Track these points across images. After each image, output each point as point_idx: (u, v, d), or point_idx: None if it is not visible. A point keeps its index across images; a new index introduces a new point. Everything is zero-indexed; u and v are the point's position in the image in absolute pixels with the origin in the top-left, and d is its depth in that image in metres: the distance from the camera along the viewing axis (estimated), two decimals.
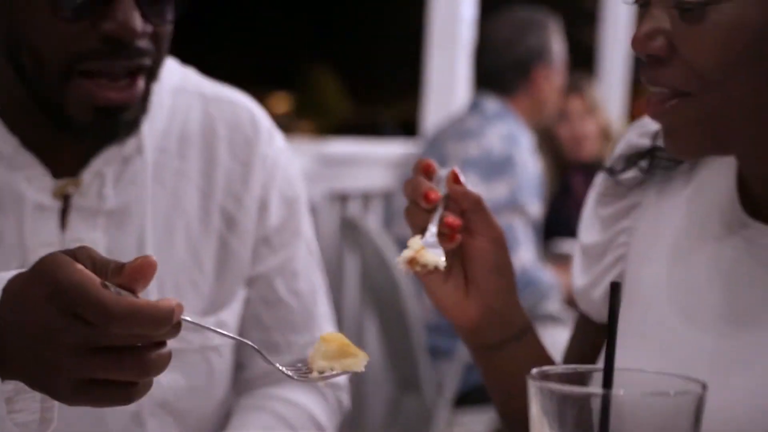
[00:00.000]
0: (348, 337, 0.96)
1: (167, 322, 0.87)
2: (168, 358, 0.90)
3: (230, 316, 1.40)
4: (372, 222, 3.76)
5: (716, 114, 1.05)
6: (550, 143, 4.24)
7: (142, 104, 1.29)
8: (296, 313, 1.45)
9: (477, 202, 1.16)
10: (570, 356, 1.33)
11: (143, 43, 1.24)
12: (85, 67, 1.23)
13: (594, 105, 4.34)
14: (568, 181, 4.29)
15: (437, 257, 1.09)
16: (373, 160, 3.92)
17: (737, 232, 1.13)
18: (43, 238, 1.28)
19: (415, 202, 1.16)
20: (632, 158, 1.24)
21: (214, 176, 1.40)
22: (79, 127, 1.26)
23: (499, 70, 3.43)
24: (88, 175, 1.31)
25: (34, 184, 1.29)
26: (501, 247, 1.18)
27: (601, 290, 1.24)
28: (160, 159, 1.37)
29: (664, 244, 1.19)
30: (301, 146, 3.88)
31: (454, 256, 1.16)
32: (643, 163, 1.23)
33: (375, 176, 3.90)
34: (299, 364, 0.98)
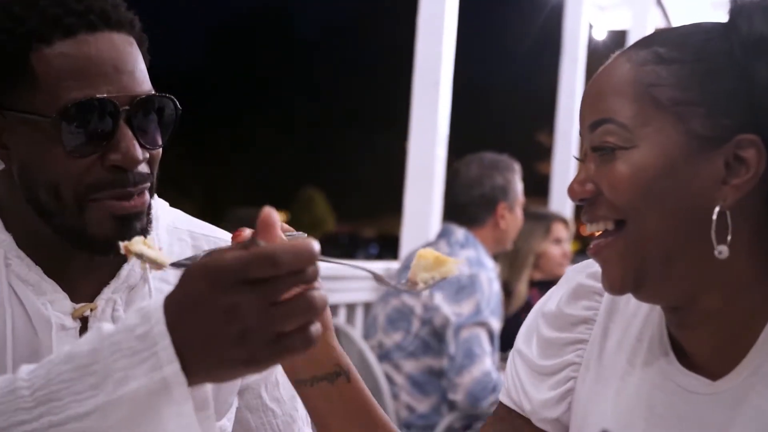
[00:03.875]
0: None
1: (316, 252, 0.86)
2: (326, 298, 0.88)
3: (228, 422, 1.40)
4: (356, 329, 3.79)
5: (636, 247, 1.05)
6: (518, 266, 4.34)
7: (147, 215, 1.27)
8: (278, 416, 1.45)
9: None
10: None
11: (143, 167, 1.24)
12: (97, 197, 1.22)
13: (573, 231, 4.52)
14: (528, 298, 4.37)
15: (157, 255, 1.00)
16: (357, 277, 3.91)
17: (658, 361, 1.13)
18: None
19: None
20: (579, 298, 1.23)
21: None
22: (101, 243, 1.23)
23: (467, 204, 3.45)
24: (101, 300, 1.30)
25: (56, 307, 1.27)
26: None
27: (555, 412, 1.22)
28: (162, 287, 1.34)
29: (607, 373, 1.18)
30: None
31: None
32: (589, 303, 1.22)
33: (359, 291, 3.94)
34: (403, 281, 1.01)
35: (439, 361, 3.25)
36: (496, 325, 3.26)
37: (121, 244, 1.00)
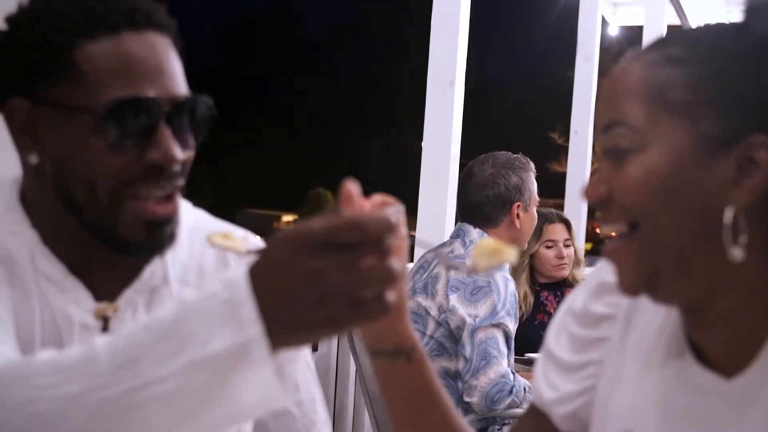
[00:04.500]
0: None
1: (398, 222, 0.91)
2: (404, 268, 0.92)
3: (248, 425, 1.41)
4: None
5: (649, 249, 1.06)
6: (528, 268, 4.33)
7: (176, 218, 1.29)
8: (298, 419, 1.46)
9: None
10: None
11: (177, 167, 1.25)
12: (132, 192, 1.23)
13: (573, 234, 4.47)
14: (540, 300, 4.36)
15: (234, 244, 1.07)
16: None
17: (675, 361, 1.14)
18: None
19: None
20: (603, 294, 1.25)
21: None
22: (132, 245, 1.25)
23: (481, 204, 3.41)
24: (122, 301, 1.30)
25: (79, 305, 1.28)
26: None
27: (573, 405, 1.25)
28: (182, 290, 1.35)
29: (628, 370, 1.19)
30: None
31: None
32: (611, 299, 1.23)
33: None
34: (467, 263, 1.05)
35: (455, 363, 3.22)
36: (513, 326, 3.23)
37: (205, 237, 1.07)
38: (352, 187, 0.97)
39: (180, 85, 1.26)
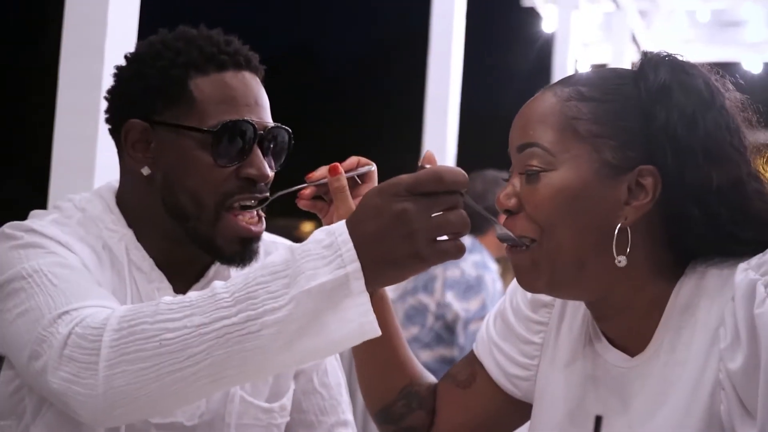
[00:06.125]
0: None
1: (465, 175, 0.94)
2: (468, 219, 0.95)
3: (287, 401, 1.41)
4: None
5: (548, 257, 1.07)
6: None
7: (261, 237, 1.32)
8: (326, 399, 1.46)
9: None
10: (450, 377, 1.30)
11: (267, 183, 1.31)
12: (231, 203, 1.27)
13: None
14: None
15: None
16: None
17: (594, 348, 1.16)
18: None
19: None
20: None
21: None
22: (227, 255, 1.29)
23: (472, 215, 3.41)
24: (193, 292, 1.33)
25: (162, 293, 1.30)
26: None
27: (522, 372, 1.24)
28: None
29: (561, 358, 1.20)
30: None
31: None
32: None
33: None
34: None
35: (451, 350, 3.23)
36: None
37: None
38: (431, 155, 1.01)
39: (269, 116, 1.32)
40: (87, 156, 1.27)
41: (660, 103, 1.07)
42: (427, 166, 0.97)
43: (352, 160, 1.24)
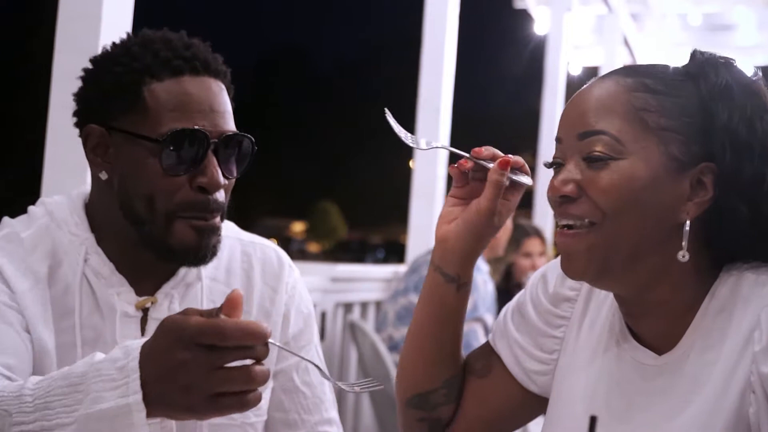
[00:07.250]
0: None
1: (264, 335, 0.90)
2: (267, 373, 0.92)
3: (264, 401, 1.40)
4: (369, 324, 3.75)
5: (606, 244, 1.07)
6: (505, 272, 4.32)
7: (218, 234, 1.30)
8: (308, 398, 1.44)
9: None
10: (475, 360, 1.30)
11: (220, 194, 1.28)
12: (183, 214, 1.26)
13: (548, 246, 4.47)
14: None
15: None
16: (370, 278, 3.93)
17: (619, 345, 1.16)
18: (129, 338, 1.26)
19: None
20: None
21: (251, 298, 1.41)
22: (180, 252, 1.27)
23: None
24: (160, 295, 1.33)
25: (123, 298, 1.30)
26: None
27: (541, 380, 1.24)
28: (212, 285, 1.38)
29: (581, 355, 1.20)
30: (318, 268, 3.91)
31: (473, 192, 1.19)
32: (573, 284, 1.23)
33: (371, 290, 3.90)
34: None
35: None
36: (491, 320, 3.22)
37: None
38: (236, 297, 0.92)
39: (228, 123, 1.28)
40: (79, 155, 1.27)
41: (722, 102, 1.08)
42: (222, 316, 0.91)
43: (520, 160, 1.19)
